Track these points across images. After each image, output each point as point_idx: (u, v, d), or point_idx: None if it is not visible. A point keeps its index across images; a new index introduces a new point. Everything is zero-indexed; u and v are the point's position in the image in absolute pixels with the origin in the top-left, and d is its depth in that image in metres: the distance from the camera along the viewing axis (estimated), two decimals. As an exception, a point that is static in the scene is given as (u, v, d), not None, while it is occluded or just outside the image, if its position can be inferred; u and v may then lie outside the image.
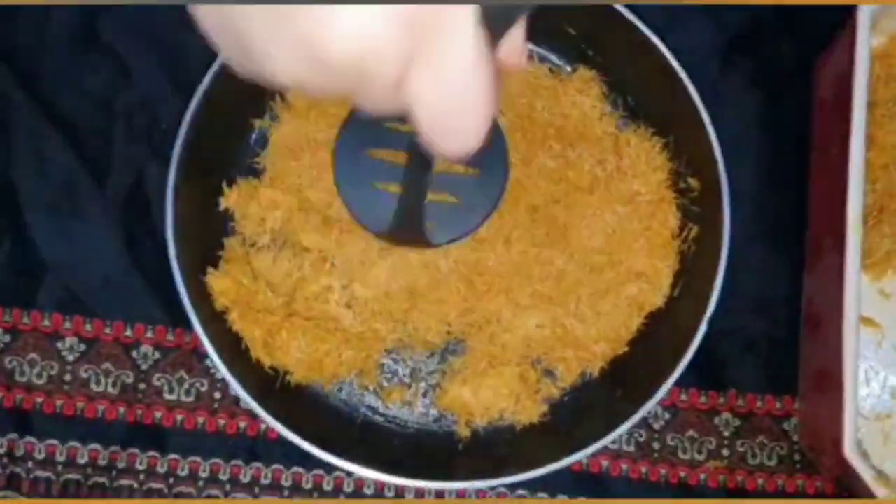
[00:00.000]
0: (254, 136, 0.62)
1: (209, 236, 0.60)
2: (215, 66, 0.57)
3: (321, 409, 0.60)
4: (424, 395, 0.61)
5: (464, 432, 0.60)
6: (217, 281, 0.58)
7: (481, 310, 0.60)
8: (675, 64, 0.58)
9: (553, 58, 0.64)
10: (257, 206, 0.60)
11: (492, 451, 0.60)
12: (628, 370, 0.60)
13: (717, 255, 0.57)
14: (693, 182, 0.60)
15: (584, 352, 0.60)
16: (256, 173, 0.61)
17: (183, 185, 0.57)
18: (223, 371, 0.55)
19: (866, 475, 0.53)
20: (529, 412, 0.60)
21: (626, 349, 0.61)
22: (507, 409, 0.60)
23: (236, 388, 0.54)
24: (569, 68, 0.63)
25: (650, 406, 0.56)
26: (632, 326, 0.61)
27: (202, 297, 0.57)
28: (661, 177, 0.61)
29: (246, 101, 0.61)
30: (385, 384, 0.61)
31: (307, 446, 0.54)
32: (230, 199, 0.60)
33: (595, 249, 0.60)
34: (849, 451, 0.53)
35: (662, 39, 0.58)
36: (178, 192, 0.56)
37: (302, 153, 0.60)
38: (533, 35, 0.61)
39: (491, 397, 0.60)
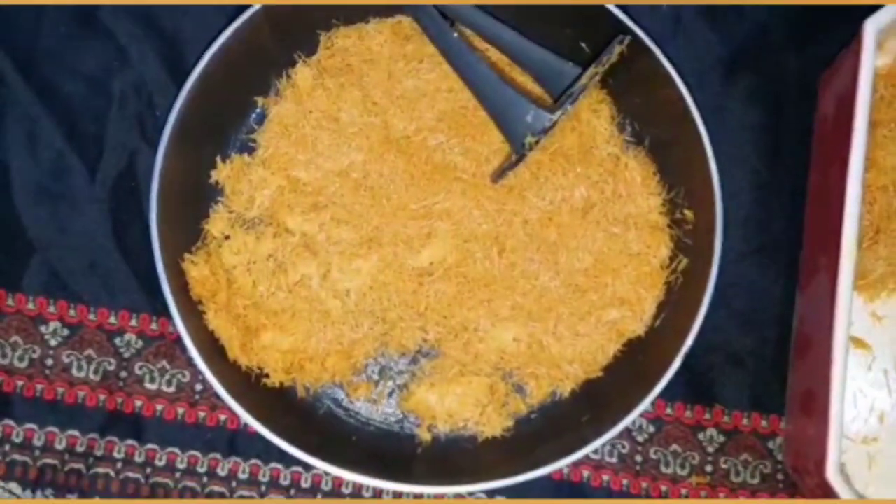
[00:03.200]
0: (254, 113, 0.62)
1: (197, 214, 0.60)
2: (213, 47, 0.57)
3: (285, 398, 0.59)
4: (390, 395, 0.61)
5: (424, 436, 0.60)
6: (194, 268, 0.58)
7: (460, 316, 0.59)
8: (688, 99, 0.57)
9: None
10: (248, 184, 0.60)
11: (449, 458, 0.59)
12: (599, 395, 0.60)
13: (701, 293, 0.56)
14: (689, 214, 0.60)
15: (557, 371, 0.60)
16: (251, 151, 0.61)
17: (172, 161, 0.57)
18: (204, 369, 0.54)
19: (848, 498, 0.52)
20: (493, 425, 0.60)
21: (600, 374, 0.60)
22: (471, 418, 0.60)
23: (216, 385, 0.54)
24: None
25: (613, 434, 0.55)
26: (609, 352, 0.60)
27: (185, 289, 0.57)
28: (656, 204, 0.61)
29: (249, 79, 0.60)
30: (353, 378, 0.60)
31: (278, 441, 0.54)
32: (222, 173, 0.60)
33: (581, 270, 0.60)
34: (831, 474, 0.52)
35: (664, 51, 0.57)
36: (165, 166, 0.56)
37: (299, 133, 0.60)
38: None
39: (457, 405, 0.59)
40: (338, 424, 0.60)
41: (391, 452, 0.60)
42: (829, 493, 0.53)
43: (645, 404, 0.56)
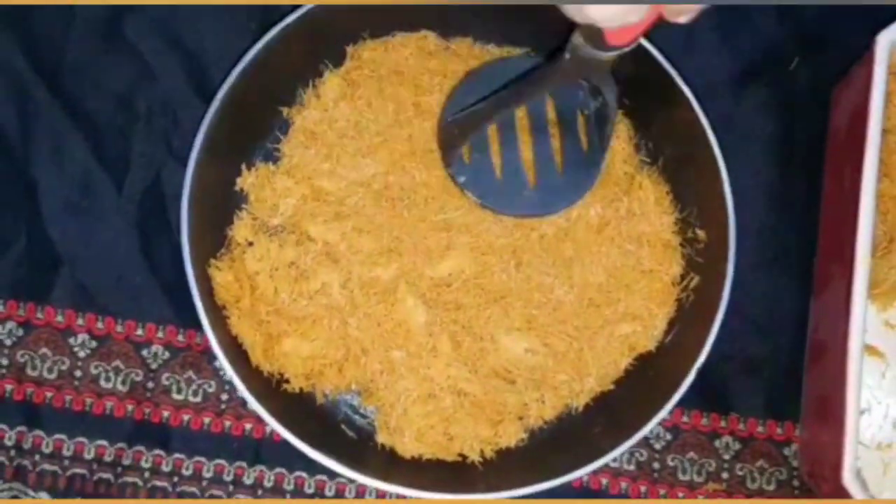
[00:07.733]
0: (279, 122, 0.63)
1: (221, 220, 0.61)
2: (242, 63, 0.58)
3: (305, 403, 0.60)
4: None
5: None
6: (219, 274, 0.59)
7: (476, 326, 0.60)
8: (703, 120, 0.58)
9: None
10: (272, 192, 0.61)
11: (464, 467, 0.60)
12: (611, 408, 0.61)
13: (713, 312, 0.57)
14: (700, 234, 0.61)
15: (571, 383, 0.61)
16: (276, 160, 0.62)
17: (201, 175, 0.58)
18: (229, 371, 0.55)
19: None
20: (508, 436, 0.60)
21: (612, 388, 0.61)
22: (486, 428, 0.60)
23: (240, 387, 0.55)
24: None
25: (626, 446, 0.56)
26: (620, 366, 0.61)
27: (211, 296, 0.58)
28: (669, 223, 0.62)
29: (276, 91, 0.62)
30: (369, 385, 0.61)
31: (306, 449, 0.55)
32: (246, 181, 0.61)
33: (595, 285, 0.61)
34: (848, 479, 0.53)
35: (675, 65, 0.58)
36: (195, 181, 0.57)
37: (322, 143, 0.61)
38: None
39: None
40: (355, 431, 0.61)
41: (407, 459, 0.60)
42: (844, 498, 0.54)
43: (658, 418, 0.57)
